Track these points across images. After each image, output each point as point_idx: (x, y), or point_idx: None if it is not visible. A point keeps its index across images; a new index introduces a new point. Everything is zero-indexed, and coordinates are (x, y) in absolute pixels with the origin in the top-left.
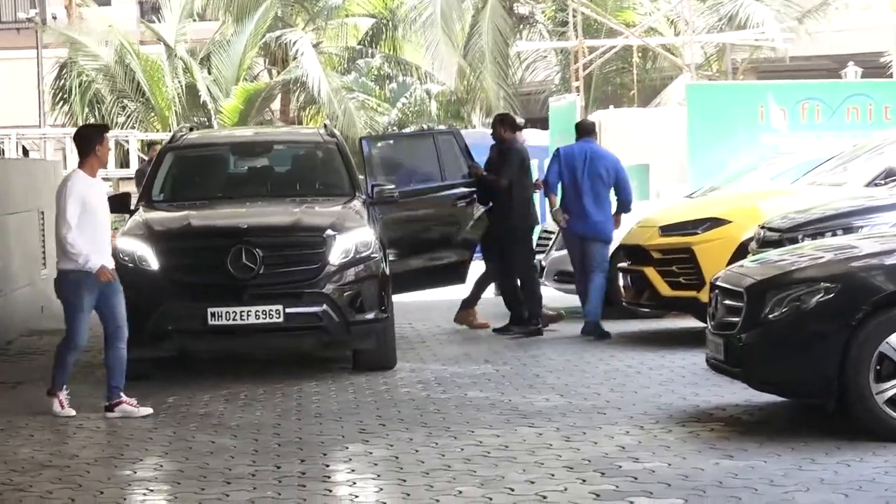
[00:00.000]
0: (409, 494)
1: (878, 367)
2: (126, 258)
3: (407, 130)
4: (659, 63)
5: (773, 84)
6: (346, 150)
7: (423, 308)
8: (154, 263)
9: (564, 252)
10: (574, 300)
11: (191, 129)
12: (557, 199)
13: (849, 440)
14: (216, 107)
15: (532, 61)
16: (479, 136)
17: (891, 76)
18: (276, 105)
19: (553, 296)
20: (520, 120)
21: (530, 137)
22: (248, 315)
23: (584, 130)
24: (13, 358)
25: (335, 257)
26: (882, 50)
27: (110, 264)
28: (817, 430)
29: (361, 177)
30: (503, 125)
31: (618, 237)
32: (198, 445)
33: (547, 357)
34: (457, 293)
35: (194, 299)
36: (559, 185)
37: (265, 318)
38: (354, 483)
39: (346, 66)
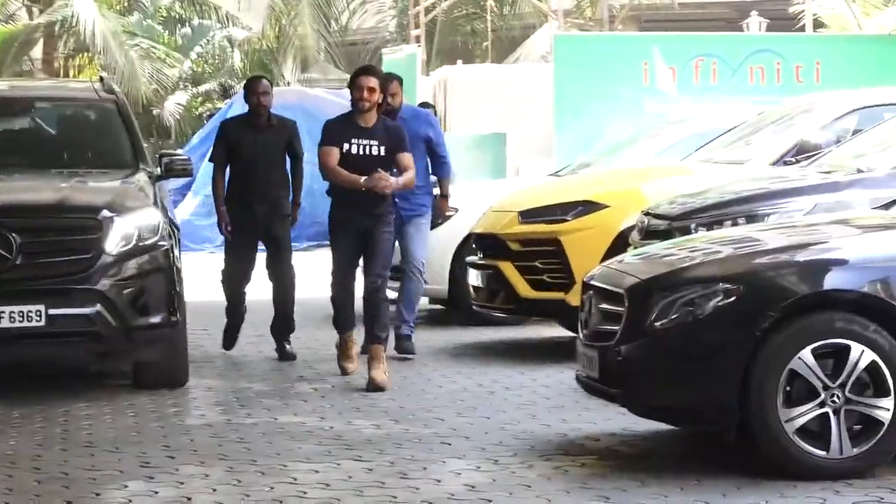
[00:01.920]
0: None
1: (788, 389)
2: None
3: None
4: (519, 8)
5: (659, 36)
6: (129, 110)
7: (220, 309)
8: None
9: None
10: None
11: None
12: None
13: (752, 479)
14: None
15: (360, 3)
16: (294, 95)
17: (802, 29)
18: (37, 52)
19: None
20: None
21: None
22: (0, 317)
23: None
24: None
25: (112, 245)
26: None
27: None
28: (713, 465)
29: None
30: None
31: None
32: None
33: None
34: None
35: None
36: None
37: (22, 322)
38: None
39: (126, 4)
